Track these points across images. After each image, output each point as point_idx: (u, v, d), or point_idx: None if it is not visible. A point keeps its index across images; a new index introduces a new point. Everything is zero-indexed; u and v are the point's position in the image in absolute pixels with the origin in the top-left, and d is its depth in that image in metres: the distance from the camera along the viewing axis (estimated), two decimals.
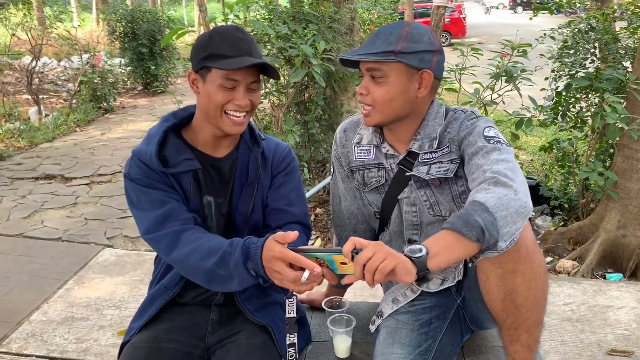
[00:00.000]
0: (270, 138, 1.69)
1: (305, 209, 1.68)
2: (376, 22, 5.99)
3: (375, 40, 1.51)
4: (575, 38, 4.04)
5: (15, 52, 8.94)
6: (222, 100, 1.45)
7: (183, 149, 1.53)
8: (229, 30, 1.48)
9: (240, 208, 1.58)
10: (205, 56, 1.45)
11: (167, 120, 1.56)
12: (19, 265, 3.58)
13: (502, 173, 1.33)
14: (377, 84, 1.51)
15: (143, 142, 1.55)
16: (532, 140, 6.91)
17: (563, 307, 3.04)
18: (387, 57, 1.47)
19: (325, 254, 1.26)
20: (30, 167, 5.92)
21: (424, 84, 1.53)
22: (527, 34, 5.08)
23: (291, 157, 1.68)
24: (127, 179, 1.53)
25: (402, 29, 1.50)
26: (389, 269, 1.17)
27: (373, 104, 1.54)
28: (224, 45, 1.44)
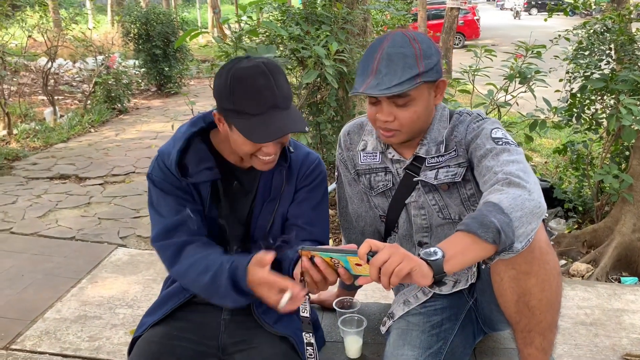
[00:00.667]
0: (301, 148, 1.64)
1: (325, 227, 1.65)
2: (389, 24, 5.98)
3: (393, 67, 1.42)
4: (591, 39, 4.00)
5: (32, 53, 9.04)
6: (250, 150, 1.42)
7: (205, 156, 1.51)
8: (252, 76, 1.36)
9: (260, 222, 1.57)
10: (229, 109, 1.38)
11: (195, 125, 1.53)
12: (34, 264, 3.62)
13: (514, 174, 1.31)
14: (403, 108, 1.47)
15: (170, 142, 1.54)
16: (546, 142, 6.86)
17: (577, 311, 3.01)
18: (415, 83, 1.42)
19: (341, 255, 1.24)
20: (45, 167, 5.98)
21: (439, 91, 1.52)
22: (541, 35, 5.04)
23: (318, 172, 1.63)
24: (149, 180, 1.54)
25: (412, 47, 1.44)
26: (405, 272, 1.15)
27: (400, 128, 1.50)
28: (246, 101, 1.35)
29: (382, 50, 1.45)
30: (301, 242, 1.55)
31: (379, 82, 1.42)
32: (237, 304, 1.43)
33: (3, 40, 7.43)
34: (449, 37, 11.49)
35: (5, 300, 3.13)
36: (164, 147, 1.54)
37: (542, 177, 5.19)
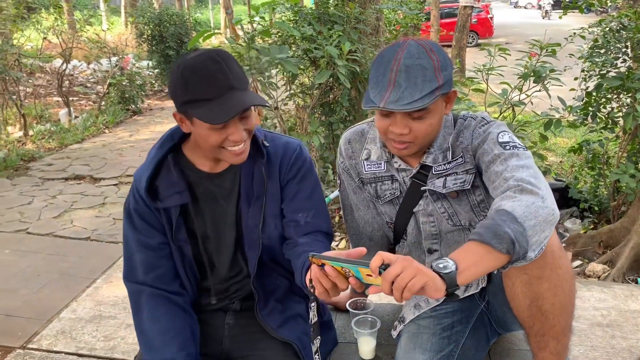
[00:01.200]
0: (278, 138, 1.59)
1: (325, 215, 1.62)
2: (402, 23, 5.96)
3: (413, 80, 1.38)
4: (607, 37, 3.95)
5: (47, 55, 9.14)
6: (217, 141, 1.39)
7: (175, 180, 1.50)
8: (202, 63, 1.34)
9: (250, 223, 1.54)
10: (185, 101, 1.35)
11: (163, 146, 1.52)
12: (50, 264, 3.65)
13: (526, 180, 1.29)
14: (418, 120, 1.43)
15: (144, 164, 1.54)
16: (561, 141, 6.79)
17: (593, 312, 2.97)
18: (435, 97, 1.39)
19: (352, 265, 1.21)
20: (60, 167, 6.04)
21: (450, 102, 1.50)
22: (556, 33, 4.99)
23: (302, 159, 1.58)
24: (125, 210, 1.56)
25: (429, 58, 1.40)
26: (418, 287, 1.12)
27: (414, 140, 1.47)
28: (201, 87, 1.33)
29: (398, 61, 1.40)
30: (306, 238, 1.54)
31: (399, 96, 1.38)
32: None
33: (19, 42, 7.51)
34: (462, 35, 11.43)
35: (22, 300, 3.17)
36: (138, 171, 1.54)
37: (557, 176, 5.14)
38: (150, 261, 1.53)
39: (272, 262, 1.60)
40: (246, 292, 1.62)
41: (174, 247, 1.55)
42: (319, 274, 1.25)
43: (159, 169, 1.50)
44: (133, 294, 1.55)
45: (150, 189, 1.49)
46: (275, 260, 1.60)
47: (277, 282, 1.62)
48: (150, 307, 1.51)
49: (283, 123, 4.33)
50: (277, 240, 1.59)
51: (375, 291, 1.21)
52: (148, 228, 1.53)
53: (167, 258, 1.55)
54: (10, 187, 5.40)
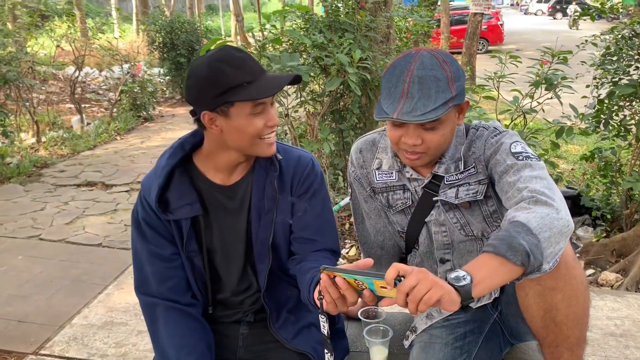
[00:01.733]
0: (291, 151, 1.57)
1: (334, 233, 1.61)
2: (412, 30, 5.97)
3: (427, 91, 1.37)
4: (619, 44, 3.93)
5: (60, 62, 9.24)
6: (260, 127, 1.38)
7: (187, 191, 1.48)
8: (228, 53, 1.35)
9: (261, 236, 1.53)
10: (222, 91, 1.32)
11: (174, 156, 1.48)
12: (62, 270, 3.68)
13: (539, 191, 1.28)
14: (431, 131, 1.43)
15: (151, 172, 1.52)
16: (573, 148, 6.75)
17: (606, 322, 2.94)
18: (448, 108, 1.38)
19: (365, 277, 1.20)
20: (73, 174, 6.09)
21: (462, 112, 1.49)
22: (567, 40, 4.98)
23: (314, 175, 1.56)
24: (133, 218, 1.55)
25: (443, 69, 1.40)
26: (434, 300, 1.10)
27: (426, 151, 1.46)
28: (238, 73, 1.33)
29: (411, 72, 1.40)
30: (313, 255, 1.53)
31: (412, 107, 1.37)
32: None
33: (33, 50, 7.61)
34: (473, 42, 11.42)
35: (35, 306, 3.19)
36: (146, 180, 1.52)
37: (569, 184, 5.11)
38: (163, 272, 1.52)
39: (281, 273, 1.60)
40: (259, 305, 1.62)
41: (185, 258, 1.54)
42: (328, 283, 1.24)
43: (169, 179, 1.48)
44: (147, 307, 1.54)
45: (161, 200, 1.47)
46: (285, 271, 1.60)
47: (288, 293, 1.61)
48: (165, 320, 1.50)
49: (294, 130, 4.35)
50: (286, 252, 1.59)
51: (389, 303, 1.21)
52: (158, 238, 1.51)
53: (179, 269, 1.54)
54: (23, 193, 5.45)
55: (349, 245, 4.05)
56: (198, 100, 1.38)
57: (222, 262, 1.58)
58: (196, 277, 1.57)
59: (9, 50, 6.48)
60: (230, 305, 1.63)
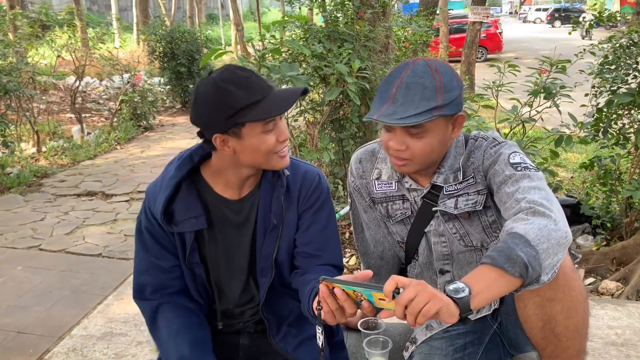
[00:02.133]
0: (298, 165, 1.58)
1: (338, 249, 1.61)
2: (411, 40, 6.00)
3: (412, 97, 1.39)
4: (617, 53, 3.95)
5: (60, 72, 9.27)
6: (273, 144, 1.38)
7: (193, 204, 1.47)
8: (233, 73, 1.36)
9: (265, 251, 1.53)
10: (233, 113, 1.32)
11: (182, 168, 1.48)
12: (61, 280, 3.68)
13: (538, 202, 1.28)
14: (416, 138, 1.43)
15: (158, 180, 1.52)
16: (572, 156, 6.76)
17: (607, 331, 2.94)
18: (432, 116, 1.38)
19: (364, 289, 1.20)
20: (73, 184, 6.10)
21: (457, 125, 1.49)
22: (565, 48, 5.00)
23: (320, 189, 1.57)
24: (137, 224, 1.55)
25: (433, 78, 1.41)
26: (433, 312, 1.11)
27: (412, 158, 1.47)
28: (246, 93, 1.33)
29: (401, 79, 1.42)
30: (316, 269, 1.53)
31: (394, 110, 1.39)
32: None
33: (33, 60, 7.63)
34: (472, 51, 11.46)
35: (34, 317, 3.18)
36: (152, 189, 1.52)
37: (568, 192, 5.11)
38: (162, 282, 1.53)
39: (283, 287, 1.60)
40: (259, 316, 1.62)
41: (186, 270, 1.54)
42: (326, 294, 1.24)
43: (175, 191, 1.48)
44: (145, 310, 1.55)
45: (166, 211, 1.46)
46: (286, 285, 1.60)
47: (290, 307, 1.61)
48: (166, 318, 1.51)
49: (293, 139, 4.36)
50: (288, 267, 1.59)
51: (388, 315, 1.20)
52: (160, 250, 1.51)
53: (178, 279, 1.55)
54: (23, 203, 5.45)
55: (349, 254, 4.05)
56: (207, 124, 1.38)
57: (225, 274, 1.58)
58: (198, 287, 1.57)
59: (10, 60, 6.51)
60: (230, 316, 1.63)
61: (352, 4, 4.32)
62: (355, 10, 4.27)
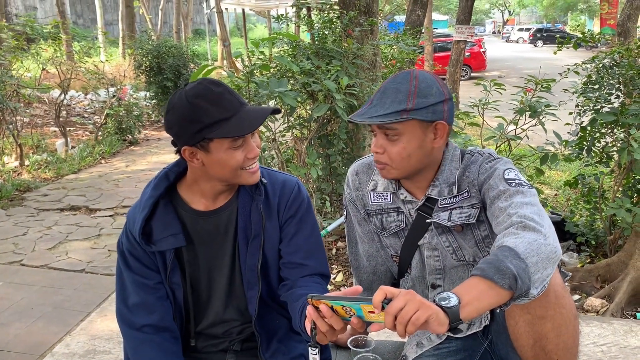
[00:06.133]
0: (276, 175, 1.59)
1: (323, 257, 1.61)
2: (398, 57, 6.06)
3: (384, 100, 1.46)
4: (600, 73, 4.02)
5: (45, 85, 9.19)
6: (240, 160, 1.39)
7: (171, 222, 1.48)
8: (206, 88, 1.37)
9: (249, 262, 1.52)
10: (201, 128, 1.34)
11: (158, 187, 1.49)
12: (43, 296, 3.61)
13: (529, 217, 1.30)
14: (392, 142, 1.47)
15: (137, 203, 1.52)
16: (556, 174, 6.83)
17: (593, 348, 2.95)
18: (400, 118, 1.43)
19: (353, 303, 1.20)
20: (56, 198, 6.01)
21: (439, 134, 1.50)
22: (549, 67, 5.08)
23: (301, 198, 1.57)
24: (118, 249, 1.55)
25: (409, 84, 1.46)
26: (422, 321, 1.11)
27: (389, 162, 1.50)
28: (216, 110, 1.34)
29: (383, 85, 1.50)
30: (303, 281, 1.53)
31: (366, 111, 1.47)
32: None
33: (18, 73, 7.56)
34: (456, 69, 11.59)
35: (14, 334, 3.11)
36: (132, 211, 1.53)
37: (552, 209, 5.15)
38: (148, 302, 1.51)
39: (271, 301, 1.59)
40: (246, 334, 1.60)
41: (168, 289, 1.53)
42: (314, 315, 1.23)
43: (153, 210, 1.48)
44: (129, 340, 1.54)
45: (144, 231, 1.47)
46: (274, 299, 1.59)
47: (277, 322, 1.60)
48: (147, 356, 1.50)
49: (281, 154, 4.35)
50: (276, 279, 1.58)
51: (378, 328, 1.20)
52: (143, 269, 1.51)
53: (164, 298, 1.53)
54: (5, 217, 5.36)
55: (336, 270, 4.03)
56: (178, 135, 1.40)
57: (206, 291, 1.56)
58: (176, 309, 1.56)
59: None
60: (214, 335, 1.61)
61: (340, 22, 4.36)
62: (343, 28, 4.31)
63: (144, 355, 1.50)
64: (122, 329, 1.54)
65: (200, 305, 1.58)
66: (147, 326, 1.50)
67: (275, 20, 5.00)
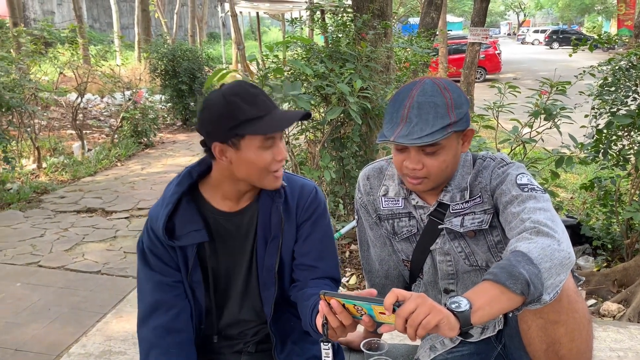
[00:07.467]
0: (295, 179, 1.61)
1: (335, 261, 1.62)
2: (411, 60, 6.05)
3: (425, 116, 1.41)
4: (616, 75, 3.98)
5: (62, 89, 9.31)
6: (269, 161, 1.41)
7: (193, 218, 1.50)
8: (243, 87, 1.41)
9: (267, 263, 1.54)
10: (235, 125, 1.37)
11: (182, 184, 1.51)
12: (60, 297, 3.65)
13: (542, 223, 1.29)
14: (432, 156, 1.45)
15: (159, 202, 1.54)
16: (572, 177, 6.77)
17: (609, 353, 2.92)
18: (447, 133, 1.41)
19: (365, 303, 1.21)
20: (73, 200, 6.09)
21: (467, 140, 1.51)
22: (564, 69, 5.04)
23: (318, 202, 1.60)
24: (138, 248, 1.56)
25: (443, 96, 1.44)
26: (432, 324, 1.11)
27: (428, 176, 1.48)
28: (251, 108, 1.38)
29: (412, 98, 1.44)
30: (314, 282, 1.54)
31: (410, 130, 1.41)
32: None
33: (36, 77, 7.67)
34: (471, 71, 11.54)
35: (32, 335, 3.16)
36: (154, 210, 1.54)
37: (568, 213, 5.11)
38: (164, 301, 1.52)
39: (285, 303, 1.60)
40: (261, 335, 1.61)
41: (187, 287, 1.55)
42: (326, 310, 1.25)
43: (176, 207, 1.50)
44: (141, 342, 1.55)
45: (167, 227, 1.48)
46: (288, 301, 1.60)
47: (292, 324, 1.61)
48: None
49: (294, 157, 4.37)
50: (289, 281, 1.60)
51: (388, 330, 1.21)
52: (163, 266, 1.52)
53: (182, 297, 1.54)
54: (23, 219, 5.44)
55: (349, 273, 4.03)
56: (210, 132, 1.42)
57: (225, 289, 1.58)
58: (196, 306, 1.57)
59: (13, 77, 6.53)
60: (229, 336, 1.62)
61: (354, 25, 4.37)
62: (357, 31, 4.32)
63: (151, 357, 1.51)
64: (137, 331, 1.57)
65: (217, 305, 1.59)
66: (158, 327, 1.51)
67: (289, 23, 5.02)
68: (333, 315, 1.25)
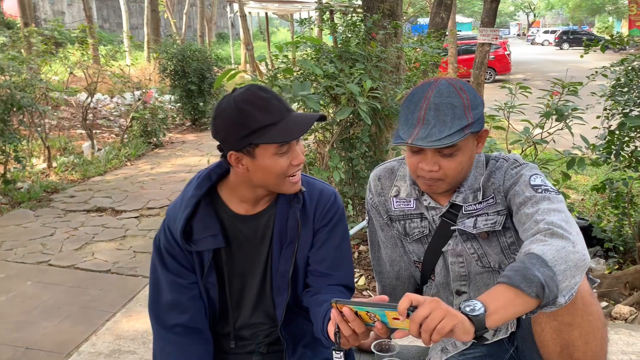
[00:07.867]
0: (314, 184, 1.59)
1: (350, 269, 1.61)
2: (421, 60, 6.03)
3: (443, 118, 1.39)
4: (629, 76, 3.95)
5: (72, 89, 9.37)
6: (285, 167, 1.39)
7: (211, 223, 1.49)
8: (254, 94, 1.38)
9: (281, 268, 1.53)
10: (248, 133, 1.35)
11: (201, 187, 1.50)
12: (70, 296, 3.67)
13: (557, 224, 1.27)
14: (449, 158, 1.44)
15: (177, 201, 1.53)
16: (583, 179, 6.72)
17: (621, 356, 2.89)
18: (464, 134, 1.40)
19: (378, 309, 1.19)
20: (83, 199, 6.11)
21: (481, 140, 1.50)
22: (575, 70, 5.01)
23: (336, 208, 1.57)
24: (155, 246, 1.55)
25: (459, 97, 1.42)
26: (447, 329, 1.10)
27: (444, 178, 1.47)
28: (263, 115, 1.35)
29: (428, 99, 1.42)
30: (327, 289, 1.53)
31: (428, 133, 1.39)
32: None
33: (46, 76, 7.71)
34: (480, 72, 11.48)
35: (43, 333, 3.17)
36: (172, 209, 1.54)
37: (579, 214, 5.07)
38: (181, 302, 1.52)
39: (297, 308, 1.59)
40: (273, 338, 1.61)
41: (202, 289, 1.54)
42: (338, 318, 1.23)
43: (195, 209, 1.49)
44: (158, 339, 1.55)
45: (185, 230, 1.48)
46: (301, 306, 1.59)
47: (304, 328, 1.60)
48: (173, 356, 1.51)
49: None
50: (302, 286, 1.59)
51: (402, 335, 1.19)
52: (180, 268, 1.52)
53: (196, 298, 1.54)
54: (33, 218, 5.47)
55: (358, 274, 4.02)
56: (225, 140, 1.41)
57: (239, 292, 1.58)
58: (209, 308, 1.57)
59: (24, 77, 6.58)
60: (241, 337, 1.62)
61: (364, 25, 4.36)
62: (367, 31, 4.31)
63: (169, 357, 1.51)
64: (153, 326, 1.56)
65: (233, 305, 1.59)
66: (178, 326, 1.51)
67: (298, 24, 5.02)
68: (345, 324, 1.23)
